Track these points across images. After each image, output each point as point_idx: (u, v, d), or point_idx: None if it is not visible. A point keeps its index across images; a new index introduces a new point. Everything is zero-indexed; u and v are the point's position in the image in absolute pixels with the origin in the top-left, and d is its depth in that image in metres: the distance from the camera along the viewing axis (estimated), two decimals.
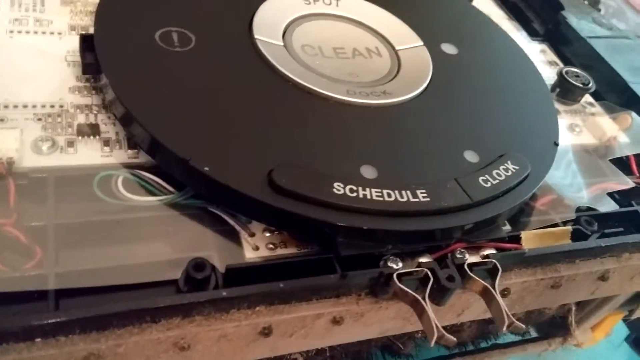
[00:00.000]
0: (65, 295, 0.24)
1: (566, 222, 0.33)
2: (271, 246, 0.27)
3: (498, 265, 0.27)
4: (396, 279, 0.26)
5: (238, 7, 0.36)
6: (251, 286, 0.24)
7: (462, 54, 0.38)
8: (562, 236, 0.32)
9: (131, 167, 0.29)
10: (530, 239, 0.31)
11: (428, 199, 0.28)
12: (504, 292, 0.30)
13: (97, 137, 0.29)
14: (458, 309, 0.30)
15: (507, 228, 0.31)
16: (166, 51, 0.31)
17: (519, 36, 0.47)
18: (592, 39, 0.45)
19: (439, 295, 0.27)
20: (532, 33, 0.48)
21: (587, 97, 0.42)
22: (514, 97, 0.37)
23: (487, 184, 0.29)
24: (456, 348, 0.40)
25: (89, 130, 0.30)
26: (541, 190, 0.34)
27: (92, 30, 0.32)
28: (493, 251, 0.29)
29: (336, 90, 0.32)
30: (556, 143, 0.34)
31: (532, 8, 0.49)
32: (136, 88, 0.29)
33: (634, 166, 0.38)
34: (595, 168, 0.37)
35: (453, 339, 0.25)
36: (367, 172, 0.29)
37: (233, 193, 0.26)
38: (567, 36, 0.46)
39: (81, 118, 0.30)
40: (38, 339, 0.22)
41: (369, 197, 0.27)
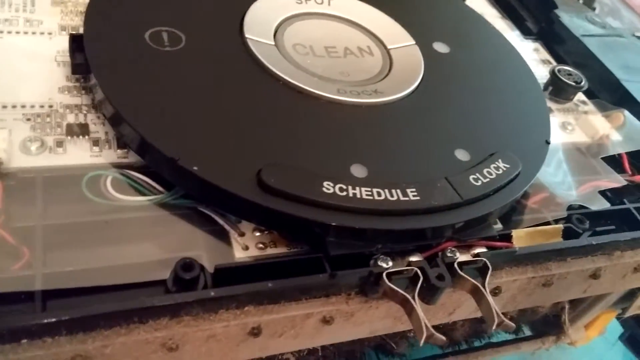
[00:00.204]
0: (53, 296, 0.24)
1: (558, 220, 0.33)
2: (261, 246, 0.27)
3: (488, 263, 0.27)
4: (386, 278, 0.25)
5: (229, 6, 0.35)
6: (239, 286, 0.24)
7: (454, 53, 0.38)
8: (554, 234, 0.31)
9: (120, 167, 0.28)
10: (521, 238, 0.30)
11: (418, 198, 0.28)
12: (495, 291, 0.30)
13: (87, 137, 0.29)
14: (449, 308, 0.30)
15: (499, 226, 0.31)
16: (156, 51, 0.31)
17: (512, 35, 0.47)
18: (585, 37, 0.45)
19: (429, 294, 0.27)
20: (526, 32, 0.48)
21: (580, 96, 0.42)
22: (506, 96, 0.37)
23: (478, 183, 0.29)
24: (449, 347, 0.40)
25: (78, 130, 0.30)
26: (533, 188, 0.34)
27: (82, 30, 0.32)
28: (484, 250, 0.29)
29: (327, 89, 0.32)
30: (547, 141, 0.34)
31: (526, 7, 0.49)
32: (125, 88, 0.29)
33: (627, 164, 0.38)
34: (587, 166, 0.37)
35: (443, 338, 0.24)
36: (357, 171, 0.28)
37: (222, 193, 0.26)
38: (560, 35, 0.46)
39: (71, 118, 0.30)
40: (24, 340, 0.22)
41: (359, 196, 0.27)
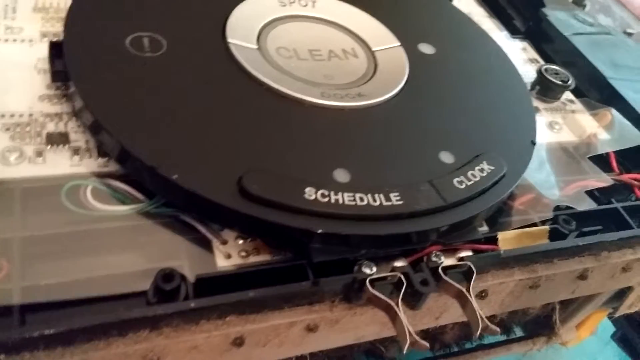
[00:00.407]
0: (32, 309, 0.23)
1: (545, 222, 0.32)
2: (244, 254, 0.27)
3: (473, 267, 0.27)
4: (369, 285, 0.25)
5: (211, 11, 0.35)
6: (220, 296, 0.24)
7: (440, 54, 0.38)
8: (540, 236, 0.31)
9: (101, 176, 0.28)
10: (507, 240, 0.30)
11: (401, 202, 0.27)
12: (482, 294, 0.30)
13: (67, 146, 0.29)
14: (436, 312, 0.30)
15: (484, 229, 0.31)
16: (137, 57, 0.31)
17: (500, 34, 0.47)
18: (573, 36, 0.45)
19: (414, 299, 0.26)
20: (513, 31, 0.48)
21: (568, 95, 0.42)
22: (492, 97, 0.36)
23: (462, 185, 0.29)
24: (440, 350, 0.40)
25: (58, 139, 0.29)
26: (520, 189, 0.33)
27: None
28: (469, 253, 0.29)
29: (310, 93, 0.32)
30: (533, 142, 0.34)
31: (513, 5, 0.49)
32: (105, 95, 0.29)
33: (614, 163, 0.38)
34: (574, 166, 0.37)
35: (426, 345, 0.24)
36: (340, 176, 0.28)
37: (203, 201, 0.26)
38: (548, 33, 0.46)
39: (50, 127, 0.30)
40: (1, 356, 0.21)
41: (341, 202, 0.27)
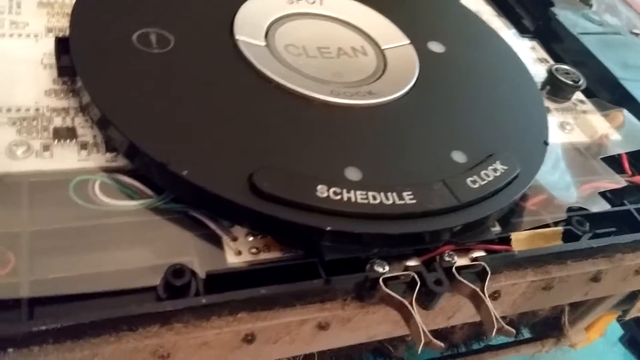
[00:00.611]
0: (40, 303, 0.23)
1: (558, 223, 0.32)
2: (254, 250, 0.26)
3: (487, 268, 0.26)
4: (382, 284, 0.25)
5: (219, 7, 0.35)
6: (231, 292, 0.23)
7: (450, 53, 0.37)
8: (553, 237, 0.31)
9: (109, 171, 0.28)
10: (520, 241, 0.30)
11: (414, 201, 0.27)
12: (495, 295, 0.29)
13: (74, 141, 0.29)
14: (448, 312, 0.29)
15: (497, 229, 0.31)
16: (144, 53, 0.31)
17: (509, 33, 0.47)
18: (583, 36, 0.45)
19: (427, 299, 0.26)
20: (522, 30, 0.47)
21: (578, 95, 0.42)
22: (503, 96, 0.36)
23: (475, 185, 0.29)
24: (448, 350, 0.40)
25: (66, 133, 0.29)
26: (532, 190, 0.33)
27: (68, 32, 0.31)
28: (482, 253, 0.29)
29: (320, 90, 0.32)
30: (546, 142, 0.33)
31: (522, 5, 0.49)
32: (112, 91, 0.28)
33: (627, 164, 0.37)
34: (586, 167, 0.36)
35: (441, 345, 0.24)
36: (352, 174, 0.28)
37: (213, 197, 0.25)
38: (558, 33, 0.46)
39: (57, 121, 0.29)
40: (10, 350, 0.21)
41: (354, 200, 0.26)
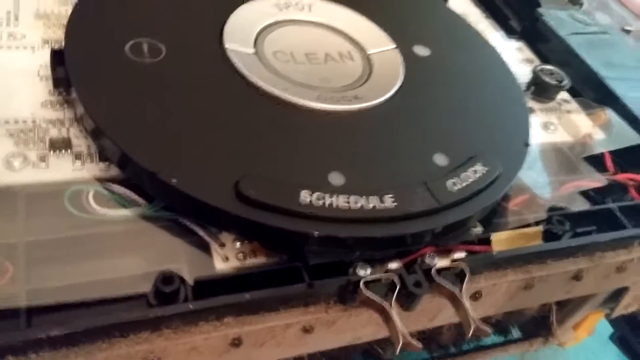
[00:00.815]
0: (37, 311, 0.24)
1: (539, 222, 0.33)
2: (241, 256, 0.28)
3: (465, 270, 0.27)
4: (363, 287, 0.26)
5: (209, 16, 0.36)
6: (217, 298, 0.24)
7: (435, 56, 0.38)
8: (534, 237, 0.32)
9: (102, 181, 0.29)
10: (500, 241, 0.31)
11: (395, 204, 0.28)
12: (476, 295, 0.30)
13: (69, 151, 0.30)
14: (431, 313, 0.30)
15: (479, 230, 0.31)
16: (136, 63, 0.32)
17: (496, 35, 0.47)
18: (569, 36, 0.45)
19: (407, 301, 0.27)
20: (510, 31, 0.48)
21: (564, 95, 0.43)
22: (486, 99, 0.37)
23: (456, 187, 0.30)
24: (438, 351, 0.41)
25: (61, 144, 0.30)
26: (514, 190, 0.34)
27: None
28: (463, 254, 0.29)
29: (306, 96, 0.32)
30: (527, 144, 0.34)
31: (509, 6, 0.49)
32: (105, 101, 0.29)
33: (610, 163, 0.38)
34: (569, 166, 0.37)
35: (419, 346, 0.25)
36: (335, 179, 0.29)
37: (201, 205, 0.27)
38: (544, 33, 0.46)
39: (53, 132, 0.30)
40: (9, 357, 0.22)
41: (336, 205, 0.27)
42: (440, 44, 0.39)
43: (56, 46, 0.34)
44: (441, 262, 0.28)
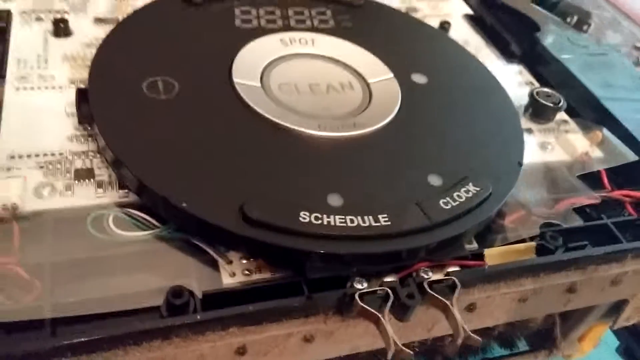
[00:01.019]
0: (61, 323, 0.27)
1: (533, 238, 0.34)
2: (247, 272, 0.30)
3: (456, 282, 0.29)
4: (358, 298, 0.28)
5: (219, 53, 0.39)
6: (223, 310, 0.27)
7: (432, 83, 0.40)
8: (527, 252, 0.33)
9: (122, 206, 0.32)
10: (494, 256, 0.32)
11: (389, 223, 0.30)
12: (470, 307, 0.32)
13: (92, 180, 0.33)
14: (427, 324, 0.32)
15: (473, 246, 0.33)
16: (152, 99, 0.35)
17: (496, 59, 0.49)
18: (566, 58, 0.47)
19: (401, 312, 0.29)
20: (510, 55, 0.50)
21: (562, 115, 0.44)
22: (481, 121, 0.39)
23: (448, 206, 0.32)
24: None
25: (85, 174, 0.33)
26: (510, 207, 0.36)
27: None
28: (457, 269, 0.31)
29: (308, 125, 0.35)
30: (520, 163, 0.36)
31: (509, 31, 0.51)
32: (124, 136, 0.32)
33: (605, 180, 0.39)
34: (564, 184, 0.39)
35: (409, 352, 0.27)
36: (334, 200, 0.31)
37: (209, 226, 0.29)
38: (542, 56, 0.48)
39: (78, 163, 0.33)
40: None
41: (333, 224, 0.29)
42: (437, 71, 0.42)
43: (81, 85, 0.38)
44: (436, 277, 0.30)
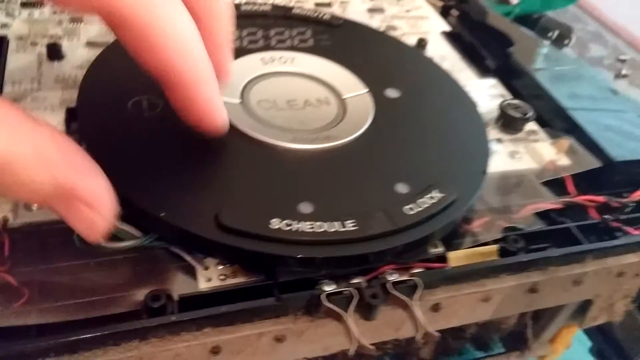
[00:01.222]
0: (46, 326, 0.29)
1: (497, 241, 0.36)
2: (222, 277, 0.32)
3: (417, 282, 0.31)
4: (324, 299, 0.30)
5: None
6: (197, 311, 0.29)
7: (404, 97, 0.42)
8: (489, 254, 0.35)
9: None
10: (457, 258, 0.34)
11: (356, 228, 0.32)
12: (435, 307, 0.33)
13: None
14: (395, 324, 0.33)
15: (439, 250, 0.35)
16: (136, 117, 0.37)
17: (471, 74, 0.52)
18: (537, 72, 0.49)
19: (367, 311, 0.31)
20: (485, 70, 0.52)
21: (532, 126, 0.46)
22: (448, 132, 0.41)
23: (412, 212, 0.33)
24: None
25: None
26: (476, 213, 0.38)
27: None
28: (421, 271, 0.33)
29: (284, 138, 0.37)
30: (483, 172, 0.38)
31: (485, 46, 0.54)
32: (108, 151, 0.35)
33: (570, 186, 0.41)
34: (530, 190, 0.41)
35: (371, 348, 0.28)
36: (305, 208, 0.33)
37: (186, 234, 0.31)
38: (515, 70, 0.50)
39: None
40: None
41: (302, 230, 0.31)
42: (410, 86, 0.44)
43: (71, 105, 0.40)
44: (401, 278, 0.32)
